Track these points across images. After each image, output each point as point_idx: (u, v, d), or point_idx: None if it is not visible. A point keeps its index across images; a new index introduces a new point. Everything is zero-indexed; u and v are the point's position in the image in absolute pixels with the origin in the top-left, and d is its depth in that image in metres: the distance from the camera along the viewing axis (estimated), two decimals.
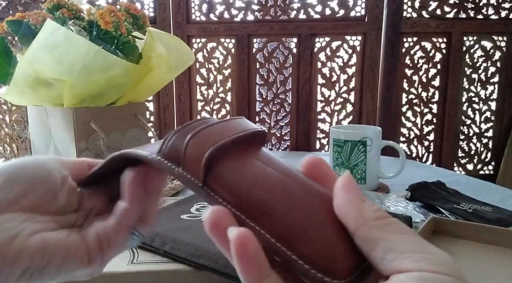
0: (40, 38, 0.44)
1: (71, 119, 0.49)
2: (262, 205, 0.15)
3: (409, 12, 1.00)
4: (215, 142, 0.16)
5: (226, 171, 0.16)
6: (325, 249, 0.14)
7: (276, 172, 0.16)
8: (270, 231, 0.14)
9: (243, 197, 0.15)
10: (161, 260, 0.34)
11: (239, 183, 0.16)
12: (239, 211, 0.15)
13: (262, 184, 0.16)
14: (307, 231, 0.14)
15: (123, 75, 0.49)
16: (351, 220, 0.14)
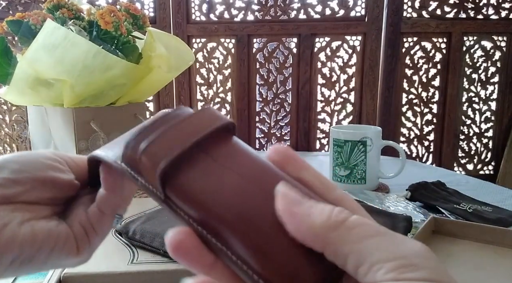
0: (40, 38, 0.44)
1: (71, 119, 0.49)
2: (222, 220, 0.14)
3: (409, 12, 1.00)
4: (172, 148, 0.15)
5: (185, 181, 0.15)
6: (285, 268, 0.13)
7: (236, 175, 0.15)
8: (232, 250, 0.13)
9: (204, 210, 0.14)
10: (161, 260, 0.34)
11: (199, 195, 0.14)
12: (201, 226, 0.14)
13: (220, 194, 0.14)
14: (265, 249, 0.13)
15: (123, 75, 0.49)
16: (309, 241, 0.12)
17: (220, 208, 0.14)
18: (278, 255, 0.13)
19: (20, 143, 1.00)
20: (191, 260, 0.14)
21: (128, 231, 0.37)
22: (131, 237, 0.37)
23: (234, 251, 0.13)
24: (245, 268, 0.13)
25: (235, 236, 0.13)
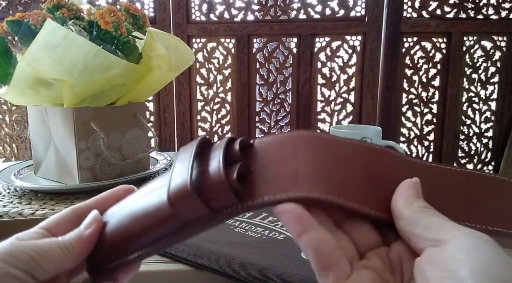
0: (40, 38, 0.44)
1: (71, 119, 0.49)
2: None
3: (409, 12, 1.00)
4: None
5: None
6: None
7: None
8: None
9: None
10: (161, 260, 0.34)
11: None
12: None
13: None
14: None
15: (123, 75, 0.49)
16: (401, 205, 0.17)
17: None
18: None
19: (20, 143, 1.00)
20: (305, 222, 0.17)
21: None
22: None
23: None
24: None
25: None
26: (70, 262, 0.19)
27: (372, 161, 0.19)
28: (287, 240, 0.34)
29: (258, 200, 0.17)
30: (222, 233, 0.35)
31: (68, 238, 0.19)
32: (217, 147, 0.19)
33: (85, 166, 0.50)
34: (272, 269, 0.29)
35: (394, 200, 0.18)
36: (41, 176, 0.56)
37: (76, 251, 0.19)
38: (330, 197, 0.17)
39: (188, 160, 0.18)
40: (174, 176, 0.18)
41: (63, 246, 0.19)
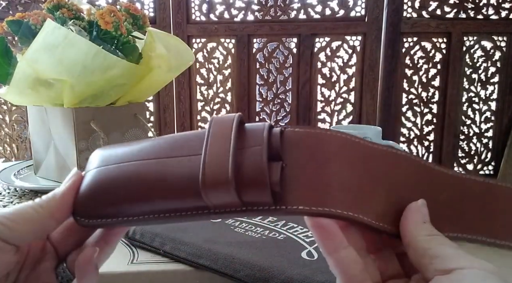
0: (40, 38, 0.44)
1: (71, 119, 0.49)
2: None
3: (409, 12, 1.00)
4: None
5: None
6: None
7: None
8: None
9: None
10: (161, 260, 0.34)
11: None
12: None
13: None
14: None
15: (123, 75, 0.49)
16: (408, 233, 0.18)
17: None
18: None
19: (20, 143, 1.00)
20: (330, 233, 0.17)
21: (128, 231, 0.37)
22: (131, 237, 0.37)
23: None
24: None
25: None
26: (46, 220, 0.18)
27: (398, 169, 0.19)
28: (287, 240, 0.34)
29: (293, 208, 0.16)
30: (222, 233, 0.35)
31: (42, 197, 0.19)
32: (256, 131, 0.17)
33: (85, 166, 0.50)
34: (272, 269, 0.29)
35: (401, 228, 0.18)
36: (41, 176, 0.56)
37: (51, 207, 0.18)
38: (361, 217, 0.17)
39: (228, 140, 0.16)
40: (211, 155, 0.16)
41: (35, 204, 0.18)
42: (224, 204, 0.16)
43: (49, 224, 0.18)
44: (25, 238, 0.18)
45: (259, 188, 0.16)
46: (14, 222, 0.17)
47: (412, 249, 0.17)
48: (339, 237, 0.17)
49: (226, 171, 0.16)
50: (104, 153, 0.20)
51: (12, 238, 0.17)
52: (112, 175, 0.19)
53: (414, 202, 0.18)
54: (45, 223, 0.18)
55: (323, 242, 0.17)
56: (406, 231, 0.18)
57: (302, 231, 0.36)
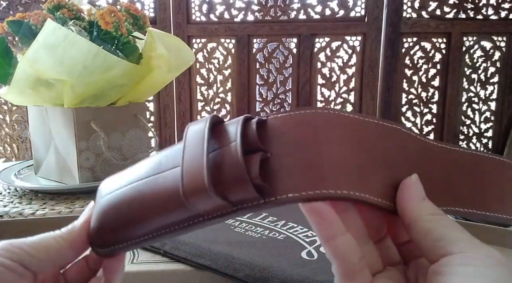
0: (41, 38, 0.45)
1: (72, 119, 0.49)
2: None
3: (409, 12, 1.00)
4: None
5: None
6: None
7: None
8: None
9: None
10: (161, 260, 0.34)
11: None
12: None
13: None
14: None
15: (124, 76, 0.49)
16: (409, 213, 0.17)
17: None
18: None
19: (21, 143, 1.00)
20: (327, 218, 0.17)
21: None
22: None
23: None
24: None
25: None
26: (66, 250, 0.19)
27: (390, 142, 0.18)
28: (287, 240, 0.34)
29: (282, 197, 0.15)
30: (222, 233, 0.35)
31: (62, 230, 0.20)
32: (231, 127, 0.17)
33: (85, 166, 0.50)
34: (272, 269, 0.29)
35: (400, 206, 0.17)
36: (42, 176, 0.56)
37: (71, 238, 0.19)
38: (357, 194, 0.16)
39: (201, 143, 0.16)
40: (187, 162, 0.16)
41: (57, 236, 0.19)
42: (214, 209, 0.16)
43: (68, 254, 0.19)
44: (45, 266, 0.19)
45: (241, 185, 0.15)
46: (35, 250, 0.18)
47: (414, 230, 0.17)
48: (336, 222, 0.16)
49: (201, 177, 0.15)
50: (110, 180, 0.21)
51: (32, 265, 0.18)
52: (114, 202, 0.19)
53: (408, 177, 0.18)
54: (64, 253, 0.19)
55: (319, 228, 0.16)
56: (406, 210, 0.17)
57: (302, 231, 0.36)
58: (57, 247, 0.19)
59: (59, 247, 0.19)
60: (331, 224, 0.16)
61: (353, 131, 0.17)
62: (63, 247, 0.19)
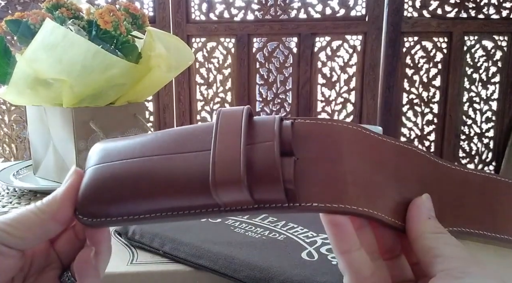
0: (39, 38, 0.44)
1: (70, 119, 0.49)
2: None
3: (410, 11, 1.00)
4: None
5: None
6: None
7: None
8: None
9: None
10: (160, 260, 0.34)
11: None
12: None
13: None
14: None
15: (123, 75, 0.49)
16: (414, 230, 0.18)
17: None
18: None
19: (19, 143, 1.00)
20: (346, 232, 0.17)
21: (127, 231, 0.37)
22: (130, 238, 0.36)
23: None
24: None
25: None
26: (48, 223, 0.18)
27: (405, 162, 0.19)
28: (287, 240, 0.34)
29: (307, 205, 0.16)
30: (222, 233, 0.35)
31: (42, 200, 0.18)
32: (267, 124, 0.17)
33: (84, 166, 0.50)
34: (272, 269, 0.29)
35: (407, 223, 0.18)
36: (40, 176, 0.56)
37: (52, 210, 0.18)
38: (375, 213, 0.17)
39: (238, 136, 0.16)
40: (220, 152, 0.15)
41: (35, 209, 0.18)
42: (235, 202, 0.16)
43: (52, 227, 0.18)
44: (28, 243, 0.18)
45: (272, 186, 0.15)
46: (14, 228, 0.17)
47: (417, 246, 0.17)
48: (354, 237, 0.17)
49: (237, 169, 0.15)
50: (105, 147, 0.19)
51: (14, 243, 0.17)
52: (116, 173, 0.18)
53: (419, 197, 0.18)
54: (47, 226, 0.18)
55: (337, 240, 0.17)
56: (412, 227, 0.18)
57: (302, 231, 0.36)
58: (38, 221, 0.17)
59: (40, 221, 0.17)
60: (349, 237, 0.17)
61: (374, 150, 0.18)
62: (44, 220, 0.17)
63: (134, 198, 0.17)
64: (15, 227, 0.17)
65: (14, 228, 0.17)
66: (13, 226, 0.17)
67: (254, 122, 0.17)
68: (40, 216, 0.18)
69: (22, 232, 0.17)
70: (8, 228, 0.17)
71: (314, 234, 0.35)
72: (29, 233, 0.17)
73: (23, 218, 0.17)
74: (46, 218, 0.18)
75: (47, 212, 0.18)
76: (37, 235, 0.18)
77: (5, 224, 0.17)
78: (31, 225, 0.17)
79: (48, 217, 0.18)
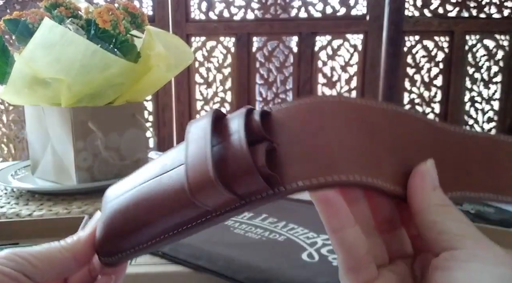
0: (38, 37, 0.44)
1: (69, 118, 0.48)
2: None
3: (411, 10, 0.99)
4: None
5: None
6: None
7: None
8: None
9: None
10: (159, 261, 0.33)
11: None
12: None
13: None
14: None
15: (121, 74, 0.49)
16: (417, 201, 0.16)
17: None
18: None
19: (17, 143, 0.99)
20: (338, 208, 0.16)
21: None
22: None
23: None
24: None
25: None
26: (69, 261, 0.19)
27: (399, 126, 0.17)
28: (287, 241, 0.34)
29: (292, 186, 0.15)
30: (221, 234, 0.35)
31: (67, 240, 0.20)
32: (234, 120, 0.16)
33: (82, 166, 0.50)
34: (272, 271, 0.29)
35: (410, 193, 0.16)
36: (39, 176, 0.55)
37: (75, 250, 0.19)
38: (370, 180, 0.15)
39: (204, 138, 0.16)
40: (191, 157, 0.16)
41: (60, 246, 0.19)
42: (222, 204, 0.16)
43: (72, 266, 0.19)
44: (47, 277, 0.19)
45: (248, 175, 0.15)
46: (38, 260, 0.18)
47: (421, 219, 0.16)
48: (346, 213, 0.16)
49: (206, 170, 0.15)
50: (116, 186, 0.21)
51: (35, 275, 0.18)
52: (119, 207, 0.19)
53: (423, 163, 0.17)
54: (68, 264, 0.19)
55: (328, 217, 0.16)
56: (415, 198, 0.16)
57: (303, 232, 0.35)
58: (61, 258, 0.19)
59: (63, 258, 0.19)
60: (340, 214, 0.16)
61: (361, 117, 0.17)
62: (67, 258, 0.19)
63: (137, 227, 0.18)
64: (39, 259, 0.18)
65: (38, 261, 0.18)
66: (37, 259, 0.18)
67: (226, 120, 0.17)
68: (64, 254, 0.19)
69: (44, 266, 0.18)
70: (32, 259, 0.18)
71: (315, 235, 0.34)
72: (50, 267, 0.18)
73: (47, 253, 0.19)
74: (69, 257, 0.19)
75: (70, 251, 0.19)
76: (57, 270, 0.19)
77: (30, 255, 0.18)
78: (54, 261, 0.19)
79: (70, 256, 0.19)
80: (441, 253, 0.15)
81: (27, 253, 0.18)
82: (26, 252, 0.18)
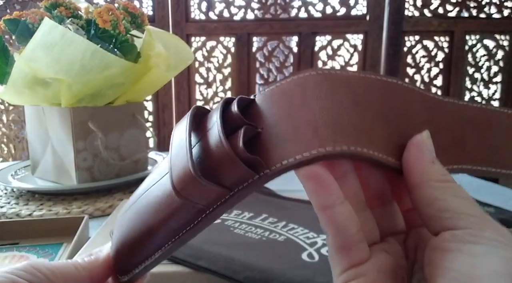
0: (38, 37, 0.44)
1: (69, 118, 0.48)
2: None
3: (411, 10, 0.99)
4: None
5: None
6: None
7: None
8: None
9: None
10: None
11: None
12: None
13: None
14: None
15: (121, 74, 0.49)
16: (415, 175, 0.15)
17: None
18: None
19: (18, 143, 0.99)
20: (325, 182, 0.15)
21: None
22: None
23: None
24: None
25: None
26: (85, 280, 0.19)
27: (392, 97, 0.16)
28: (287, 241, 0.34)
29: (277, 167, 0.14)
30: (221, 234, 0.35)
31: (85, 258, 0.20)
32: (213, 113, 0.16)
33: (83, 166, 0.50)
34: (272, 271, 0.29)
35: (406, 167, 0.15)
36: (39, 176, 0.55)
37: (91, 269, 0.19)
38: (360, 149, 0.14)
39: (184, 139, 0.16)
40: (174, 159, 0.16)
41: (77, 264, 0.19)
42: (212, 200, 0.15)
43: None
44: None
45: (229, 164, 0.14)
46: (54, 275, 0.18)
47: (419, 194, 0.15)
48: (335, 189, 0.14)
49: (187, 167, 0.15)
50: (126, 203, 0.21)
51: None
52: (124, 224, 0.19)
53: (418, 134, 0.15)
54: (82, 282, 0.19)
55: (316, 194, 0.14)
56: (412, 171, 0.15)
57: (303, 232, 0.35)
58: (76, 275, 0.19)
59: (79, 276, 0.19)
60: (329, 190, 0.14)
61: (349, 87, 0.16)
62: (83, 276, 0.19)
63: (142, 239, 0.18)
64: (55, 275, 0.18)
65: (54, 276, 0.18)
66: (54, 274, 0.18)
67: (206, 117, 0.17)
68: (81, 272, 0.19)
69: (59, 281, 0.18)
70: (49, 274, 0.18)
71: (315, 235, 0.34)
72: (63, 282, 0.19)
73: (64, 269, 0.19)
74: (85, 275, 0.19)
75: (87, 270, 0.19)
76: None
77: (47, 269, 0.18)
78: (70, 277, 0.19)
79: (86, 274, 0.19)
80: (440, 232, 0.14)
81: (45, 267, 0.18)
82: (44, 266, 0.18)
